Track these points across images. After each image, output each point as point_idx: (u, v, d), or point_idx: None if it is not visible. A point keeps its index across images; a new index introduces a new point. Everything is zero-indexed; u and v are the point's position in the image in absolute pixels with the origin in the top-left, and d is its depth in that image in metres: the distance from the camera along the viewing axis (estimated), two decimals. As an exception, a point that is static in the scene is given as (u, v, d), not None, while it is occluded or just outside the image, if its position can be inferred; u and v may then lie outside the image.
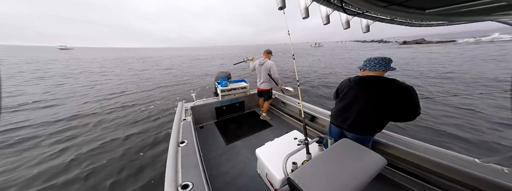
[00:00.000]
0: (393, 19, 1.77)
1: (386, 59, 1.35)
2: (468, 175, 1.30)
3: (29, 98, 6.44)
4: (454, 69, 10.12)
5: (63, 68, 15.39)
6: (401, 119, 1.35)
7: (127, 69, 15.37)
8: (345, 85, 1.56)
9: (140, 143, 3.44)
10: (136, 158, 2.98)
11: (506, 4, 0.95)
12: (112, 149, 3.23)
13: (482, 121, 4.00)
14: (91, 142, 3.49)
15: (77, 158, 2.97)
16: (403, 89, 1.25)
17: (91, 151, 3.16)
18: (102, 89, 7.93)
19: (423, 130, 3.71)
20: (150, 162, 2.86)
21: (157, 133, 3.82)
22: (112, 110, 5.32)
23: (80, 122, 4.45)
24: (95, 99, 6.49)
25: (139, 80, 10.13)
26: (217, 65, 17.88)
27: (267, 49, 3.03)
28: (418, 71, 9.99)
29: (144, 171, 2.66)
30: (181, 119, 2.21)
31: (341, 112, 1.58)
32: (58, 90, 7.66)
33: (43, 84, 9.00)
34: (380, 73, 1.38)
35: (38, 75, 11.50)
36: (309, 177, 1.03)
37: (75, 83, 9.12)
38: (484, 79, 7.56)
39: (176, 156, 1.47)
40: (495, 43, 31.89)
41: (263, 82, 3.07)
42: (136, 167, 2.75)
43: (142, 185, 2.39)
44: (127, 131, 3.93)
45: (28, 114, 4.99)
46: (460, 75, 8.63)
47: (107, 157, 3.00)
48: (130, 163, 2.85)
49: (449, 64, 11.94)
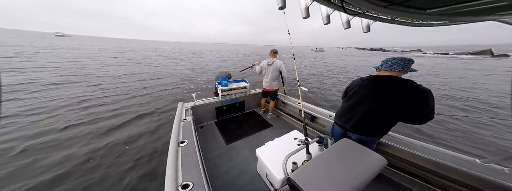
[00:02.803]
0: (393, 19, 1.76)
1: (406, 59, 1.25)
2: (468, 175, 1.30)
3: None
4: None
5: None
6: (412, 122, 1.28)
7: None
8: (356, 84, 1.50)
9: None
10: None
11: (507, 3, 0.95)
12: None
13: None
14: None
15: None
16: (420, 91, 1.18)
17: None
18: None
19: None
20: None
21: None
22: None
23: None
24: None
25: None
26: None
27: (273, 49, 3.04)
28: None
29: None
30: (181, 119, 2.21)
31: (346, 112, 1.54)
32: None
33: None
34: (397, 73, 1.29)
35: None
36: (309, 177, 1.03)
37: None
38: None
39: (176, 155, 1.47)
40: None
41: (272, 82, 3.07)
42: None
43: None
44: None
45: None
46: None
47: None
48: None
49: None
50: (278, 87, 3.18)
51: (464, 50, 49.22)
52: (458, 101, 6.57)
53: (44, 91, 5.97)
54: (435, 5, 1.11)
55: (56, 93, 5.79)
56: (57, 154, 2.88)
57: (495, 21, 1.34)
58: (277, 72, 3.01)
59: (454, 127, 4.30)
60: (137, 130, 3.77)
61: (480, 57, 35.93)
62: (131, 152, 3.05)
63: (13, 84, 6.43)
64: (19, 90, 5.84)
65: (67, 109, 4.64)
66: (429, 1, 1.10)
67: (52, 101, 5.14)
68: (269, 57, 3.05)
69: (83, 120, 4.05)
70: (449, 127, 4.29)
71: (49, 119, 4.07)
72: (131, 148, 3.14)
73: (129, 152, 3.05)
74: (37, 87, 6.31)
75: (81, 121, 4.03)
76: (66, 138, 3.35)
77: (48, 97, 5.46)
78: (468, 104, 6.29)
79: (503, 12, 1.10)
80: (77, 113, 4.44)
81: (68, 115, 4.33)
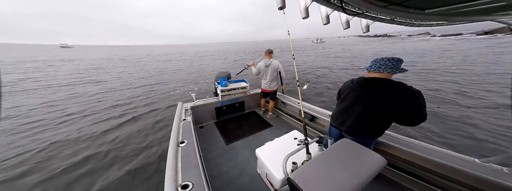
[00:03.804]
0: (393, 19, 1.77)
1: (394, 60, 1.23)
2: (468, 175, 1.30)
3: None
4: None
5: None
6: (404, 123, 1.27)
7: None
8: (347, 86, 1.50)
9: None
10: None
11: (506, 4, 0.95)
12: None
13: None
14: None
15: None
16: (410, 93, 1.16)
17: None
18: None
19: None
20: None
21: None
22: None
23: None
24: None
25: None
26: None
27: (268, 49, 3.02)
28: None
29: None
30: (181, 119, 2.21)
31: (340, 114, 1.55)
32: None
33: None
34: (386, 75, 1.27)
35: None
36: (309, 177, 1.03)
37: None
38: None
39: (176, 156, 1.47)
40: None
41: (271, 83, 3.06)
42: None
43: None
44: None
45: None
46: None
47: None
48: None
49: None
50: (277, 87, 3.18)
51: (476, 30, 44.61)
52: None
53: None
54: (434, 5, 1.12)
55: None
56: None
57: (494, 22, 1.34)
58: (276, 73, 3.00)
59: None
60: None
61: (500, 36, 32.27)
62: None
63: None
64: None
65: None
66: (428, 1, 1.10)
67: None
68: (265, 58, 3.01)
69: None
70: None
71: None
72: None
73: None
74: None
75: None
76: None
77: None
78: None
79: (502, 12, 1.10)
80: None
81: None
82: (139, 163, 2.88)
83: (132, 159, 2.98)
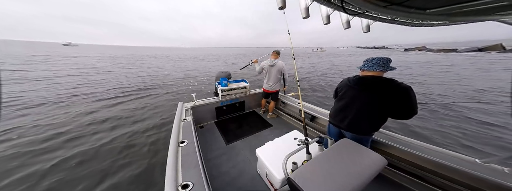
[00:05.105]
0: (393, 19, 1.77)
1: (384, 59, 1.35)
2: (468, 175, 1.30)
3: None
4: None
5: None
6: (399, 117, 1.36)
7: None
8: (344, 85, 1.57)
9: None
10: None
11: (507, 4, 0.95)
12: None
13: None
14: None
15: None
16: (402, 89, 1.26)
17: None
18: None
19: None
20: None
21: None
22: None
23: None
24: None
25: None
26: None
27: (276, 50, 3.04)
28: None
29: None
30: (181, 119, 2.21)
31: (339, 111, 1.59)
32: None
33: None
34: (379, 73, 1.38)
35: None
36: (309, 177, 1.03)
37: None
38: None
39: (176, 155, 1.46)
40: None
41: (273, 84, 3.06)
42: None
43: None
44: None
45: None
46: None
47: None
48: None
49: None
50: (279, 88, 3.18)
51: (470, 46, 46.13)
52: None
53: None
54: (435, 5, 1.12)
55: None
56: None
57: (495, 21, 1.34)
58: (279, 73, 3.00)
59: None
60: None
61: (493, 53, 32.19)
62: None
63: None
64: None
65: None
66: (429, 1, 1.10)
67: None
68: (271, 58, 3.01)
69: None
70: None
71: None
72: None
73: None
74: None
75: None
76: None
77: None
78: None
79: (503, 12, 1.10)
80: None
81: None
82: (139, 163, 2.87)
83: (131, 157, 2.97)
